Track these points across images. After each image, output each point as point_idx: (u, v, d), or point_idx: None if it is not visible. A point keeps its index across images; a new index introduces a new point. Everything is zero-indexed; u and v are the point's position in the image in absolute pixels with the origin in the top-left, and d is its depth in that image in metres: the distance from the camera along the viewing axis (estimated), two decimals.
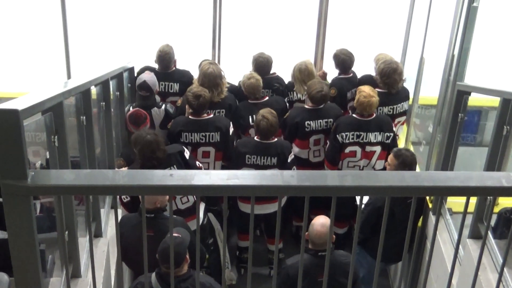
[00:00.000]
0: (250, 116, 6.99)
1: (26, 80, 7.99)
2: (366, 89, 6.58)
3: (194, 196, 6.02)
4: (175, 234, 4.76)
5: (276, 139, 6.55)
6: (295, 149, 6.92)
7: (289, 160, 6.45)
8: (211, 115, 6.57)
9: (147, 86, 6.80)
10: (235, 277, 6.85)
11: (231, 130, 6.60)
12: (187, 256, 4.71)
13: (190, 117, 6.50)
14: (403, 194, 3.71)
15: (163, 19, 10.62)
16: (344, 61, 7.52)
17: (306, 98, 7.04)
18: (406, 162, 5.94)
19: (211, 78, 6.75)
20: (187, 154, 6.04)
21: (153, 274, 4.68)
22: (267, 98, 7.16)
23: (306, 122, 6.82)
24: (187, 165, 5.94)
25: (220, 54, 8.19)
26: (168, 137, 6.62)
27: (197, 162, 6.22)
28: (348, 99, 7.31)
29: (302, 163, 6.81)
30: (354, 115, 6.69)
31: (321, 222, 4.96)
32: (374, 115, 6.68)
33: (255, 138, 6.49)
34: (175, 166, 5.84)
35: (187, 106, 6.52)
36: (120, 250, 5.12)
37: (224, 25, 7.98)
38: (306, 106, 6.93)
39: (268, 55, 7.52)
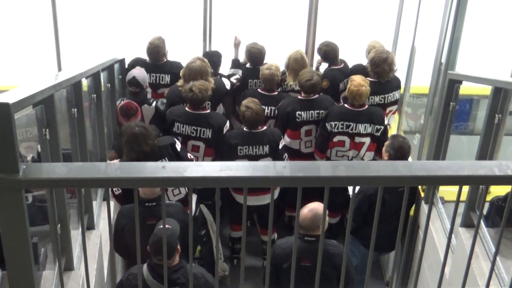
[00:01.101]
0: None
1: (16, 73, 7.95)
2: (357, 79, 6.57)
3: (186, 188, 6.06)
4: (168, 225, 4.76)
5: (265, 127, 6.56)
6: (287, 139, 6.91)
7: (280, 147, 6.45)
8: (208, 111, 6.53)
9: (136, 81, 6.76)
10: (228, 268, 6.85)
11: (226, 129, 6.54)
12: (178, 247, 4.71)
13: (186, 108, 6.48)
14: (396, 184, 3.72)
15: (155, 11, 10.61)
16: (328, 52, 7.50)
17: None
18: (404, 148, 5.97)
19: (192, 73, 6.70)
20: (178, 146, 5.99)
21: (145, 266, 4.68)
22: (276, 92, 7.11)
23: (297, 113, 6.81)
24: (179, 157, 5.91)
25: (211, 46, 8.17)
26: (161, 125, 6.59)
27: (189, 154, 6.19)
28: (340, 89, 7.30)
29: (293, 154, 6.80)
30: (346, 105, 6.68)
31: (310, 207, 4.93)
32: (366, 106, 6.67)
33: (244, 128, 6.46)
34: (166, 158, 5.82)
35: None
36: (123, 241, 5.16)
37: (214, 18, 7.96)
38: (299, 97, 6.91)
39: (261, 46, 7.50)
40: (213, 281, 4.66)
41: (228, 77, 7.42)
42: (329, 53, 7.50)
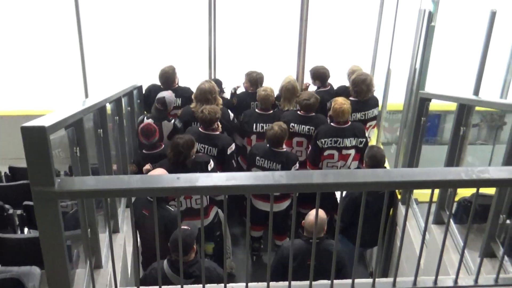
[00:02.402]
0: (254, 124, 6.93)
1: (51, 99, 7.94)
2: (339, 99, 6.59)
3: (208, 200, 6.13)
4: (184, 227, 4.77)
5: (284, 149, 6.50)
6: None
7: (294, 170, 6.33)
8: (217, 132, 6.46)
9: (164, 102, 6.78)
10: (234, 265, 6.82)
11: (230, 150, 6.45)
12: (195, 246, 4.71)
13: (199, 128, 6.43)
14: (377, 188, 3.74)
15: (168, 44, 10.64)
16: (324, 75, 7.50)
17: None
18: (377, 157, 5.99)
19: (203, 92, 6.69)
20: (210, 166, 5.96)
21: (165, 261, 4.67)
22: (271, 111, 7.08)
23: (291, 124, 6.79)
24: None
25: (215, 73, 8.17)
26: None
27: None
28: (328, 108, 7.30)
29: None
30: (332, 123, 6.68)
31: (312, 213, 4.96)
32: (349, 123, 6.66)
33: (267, 145, 6.46)
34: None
35: None
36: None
37: (218, 49, 7.97)
38: (299, 112, 6.91)
39: (260, 72, 7.51)
40: (223, 274, 4.67)
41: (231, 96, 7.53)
42: (324, 76, 7.50)
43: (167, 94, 6.91)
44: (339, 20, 12.03)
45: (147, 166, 6.09)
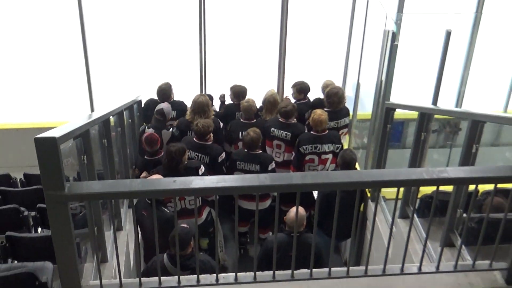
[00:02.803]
0: (240, 132, 6.93)
1: (62, 112, 7.89)
2: (318, 111, 6.61)
3: (200, 201, 6.13)
4: (184, 225, 4.81)
5: (260, 151, 6.53)
6: (266, 147, 6.97)
7: (269, 169, 6.40)
8: (209, 142, 6.46)
9: (163, 112, 6.83)
10: (227, 258, 6.80)
11: (221, 158, 6.46)
12: (191, 242, 4.70)
13: (194, 138, 6.44)
14: (350, 187, 3.74)
15: (164, 63, 10.63)
16: (308, 89, 7.54)
17: None
18: (347, 159, 6.02)
19: (199, 105, 6.73)
20: (201, 171, 5.97)
21: (165, 255, 4.65)
22: (255, 120, 7.09)
23: (271, 129, 6.83)
24: None
25: (206, 88, 8.17)
26: None
27: None
28: (306, 118, 7.32)
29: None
30: (311, 131, 6.70)
31: (293, 210, 4.97)
32: (327, 131, 6.68)
33: (244, 150, 6.45)
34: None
35: None
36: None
37: (208, 66, 7.97)
38: (279, 119, 6.93)
39: (242, 85, 7.52)
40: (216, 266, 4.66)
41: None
42: (306, 89, 7.53)
43: (165, 106, 6.94)
44: (315, 40, 12.05)
45: (144, 174, 6.11)
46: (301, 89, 7.51)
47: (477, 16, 7.30)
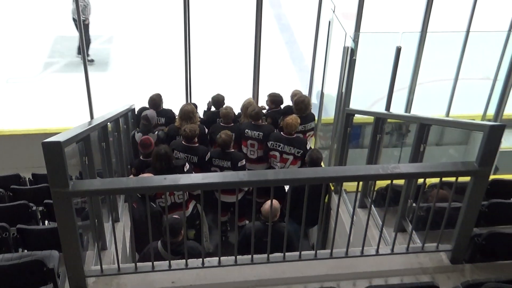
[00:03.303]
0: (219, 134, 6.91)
1: (67, 118, 7.78)
2: (292, 116, 6.65)
3: (187, 194, 6.04)
4: (175, 216, 4.82)
5: (233, 150, 6.51)
6: (242, 147, 6.96)
7: (239, 165, 6.39)
8: (196, 144, 6.47)
9: (147, 117, 6.78)
10: (211, 246, 6.76)
11: (207, 157, 6.46)
12: (182, 231, 4.67)
13: (182, 142, 6.44)
14: (317, 182, 3.74)
15: (155, 75, 10.59)
16: (280, 101, 7.54)
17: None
18: (314, 157, 6.03)
19: (185, 113, 6.72)
20: (186, 168, 5.96)
21: (159, 242, 4.60)
22: (232, 124, 7.06)
23: (245, 130, 6.83)
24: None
25: (191, 97, 8.11)
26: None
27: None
28: (279, 123, 7.34)
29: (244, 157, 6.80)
30: (281, 132, 6.71)
31: (268, 203, 4.96)
32: (294, 135, 6.67)
33: (219, 149, 6.44)
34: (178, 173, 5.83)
35: None
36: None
37: (193, 77, 7.92)
38: (252, 122, 6.93)
39: (222, 94, 7.52)
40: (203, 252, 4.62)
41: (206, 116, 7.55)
42: (278, 100, 7.53)
43: (149, 112, 6.92)
44: (286, 54, 12.10)
45: (133, 170, 6.16)
46: (274, 100, 7.53)
47: (422, 34, 7.39)
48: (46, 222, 5.15)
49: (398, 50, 6.68)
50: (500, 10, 8.44)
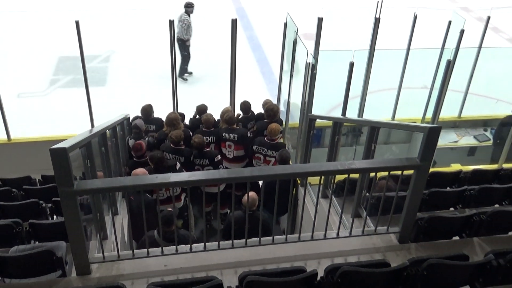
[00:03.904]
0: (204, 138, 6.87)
1: (71, 127, 7.62)
2: (274, 124, 6.62)
3: (177, 189, 5.95)
4: (169, 209, 4.74)
5: (208, 149, 6.52)
6: (222, 148, 6.90)
7: (215, 160, 6.37)
8: (182, 147, 6.42)
9: (137, 126, 6.76)
10: (195, 237, 6.66)
11: (192, 157, 6.41)
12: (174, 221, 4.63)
13: (170, 145, 6.37)
14: (286, 177, 3.75)
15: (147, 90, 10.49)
16: (248, 108, 7.52)
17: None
18: (283, 157, 6.01)
19: (170, 120, 6.70)
20: (177, 166, 5.98)
21: (155, 231, 4.53)
22: (213, 129, 7.00)
23: (223, 133, 6.80)
24: (176, 172, 5.91)
25: (177, 107, 8.05)
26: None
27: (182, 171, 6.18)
28: (249, 128, 7.32)
29: (223, 156, 6.78)
30: (265, 138, 6.68)
31: (249, 194, 4.93)
32: (276, 141, 6.64)
33: (196, 151, 6.42)
34: (171, 172, 5.78)
35: None
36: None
37: (179, 92, 7.87)
38: (228, 126, 6.89)
39: (204, 104, 7.48)
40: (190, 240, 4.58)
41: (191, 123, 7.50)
42: (246, 108, 7.52)
43: (138, 121, 6.88)
44: (256, 70, 12.10)
45: (126, 169, 6.24)
46: (242, 108, 7.56)
47: (370, 51, 7.46)
48: (55, 217, 5.06)
49: (351, 65, 6.75)
50: (435, 30, 8.59)
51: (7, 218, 4.29)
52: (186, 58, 11.27)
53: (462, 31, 7.58)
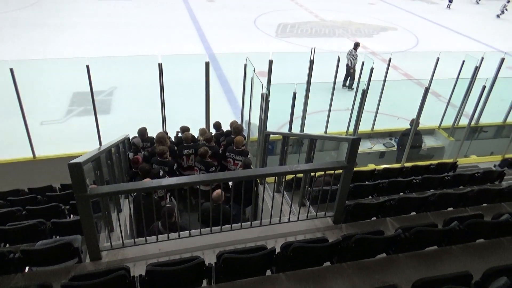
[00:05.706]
0: (183, 150, 6.65)
1: (83, 146, 7.33)
2: (239, 137, 6.51)
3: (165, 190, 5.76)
4: (169, 205, 4.55)
5: (209, 160, 6.32)
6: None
7: (210, 170, 6.18)
8: (168, 159, 6.17)
9: (135, 144, 6.56)
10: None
11: (174, 167, 6.21)
12: (174, 215, 4.47)
13: (157, 158, 6.16)
14: (249, 178, 3.73)
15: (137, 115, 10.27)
16: (218, 126, 7.46)
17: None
18: (246, 163, 5.94)
19: (158, 138, 6.46)
20: (161, 173, 5.77)
21: (159, 223, 4.37)
22: (192, 143, 6.81)
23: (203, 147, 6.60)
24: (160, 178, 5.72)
25: (166, 127, 7.90)
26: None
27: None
28: (221, 141, 7.25)
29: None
30: (233, 146, 6.54)
31: (217, 191, 4.85)
32: (242, 149, 6.51)
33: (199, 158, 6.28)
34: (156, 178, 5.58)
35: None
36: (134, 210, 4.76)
37: (167, 116, 7.71)
38: (206, 143, 6.75)
39: (186, 126, 7.33)
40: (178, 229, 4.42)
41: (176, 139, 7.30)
42: (217, 127, 7.44)
43: (135, 139, 6.66)
44: (224, 99, 12.05)
45: (127, 178, 6.01)
46: (215, 126, 7.49)
47: (307, 84, 7.59)
48: (72, 216, 4.86)
49: (294, 94, 6.84)
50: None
51: (34, 219, 4.11)
52: (353, 76, 11.50)
53: (371, 69, 7.82)
